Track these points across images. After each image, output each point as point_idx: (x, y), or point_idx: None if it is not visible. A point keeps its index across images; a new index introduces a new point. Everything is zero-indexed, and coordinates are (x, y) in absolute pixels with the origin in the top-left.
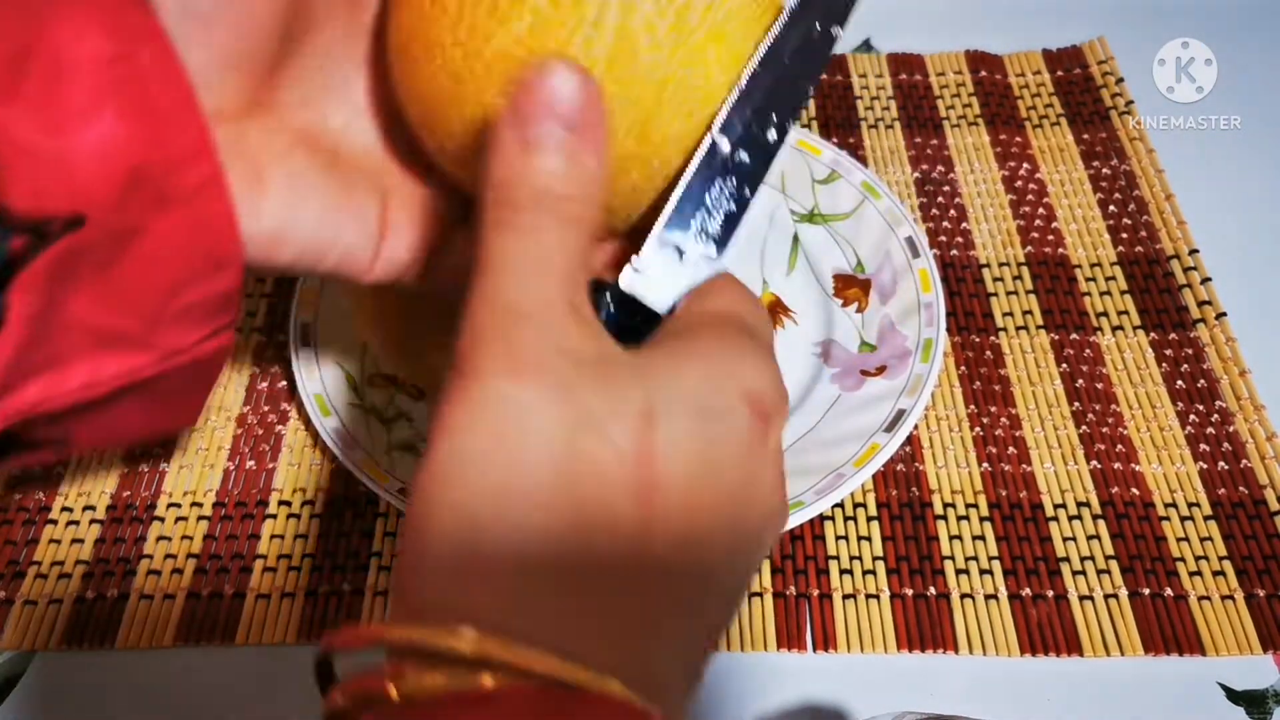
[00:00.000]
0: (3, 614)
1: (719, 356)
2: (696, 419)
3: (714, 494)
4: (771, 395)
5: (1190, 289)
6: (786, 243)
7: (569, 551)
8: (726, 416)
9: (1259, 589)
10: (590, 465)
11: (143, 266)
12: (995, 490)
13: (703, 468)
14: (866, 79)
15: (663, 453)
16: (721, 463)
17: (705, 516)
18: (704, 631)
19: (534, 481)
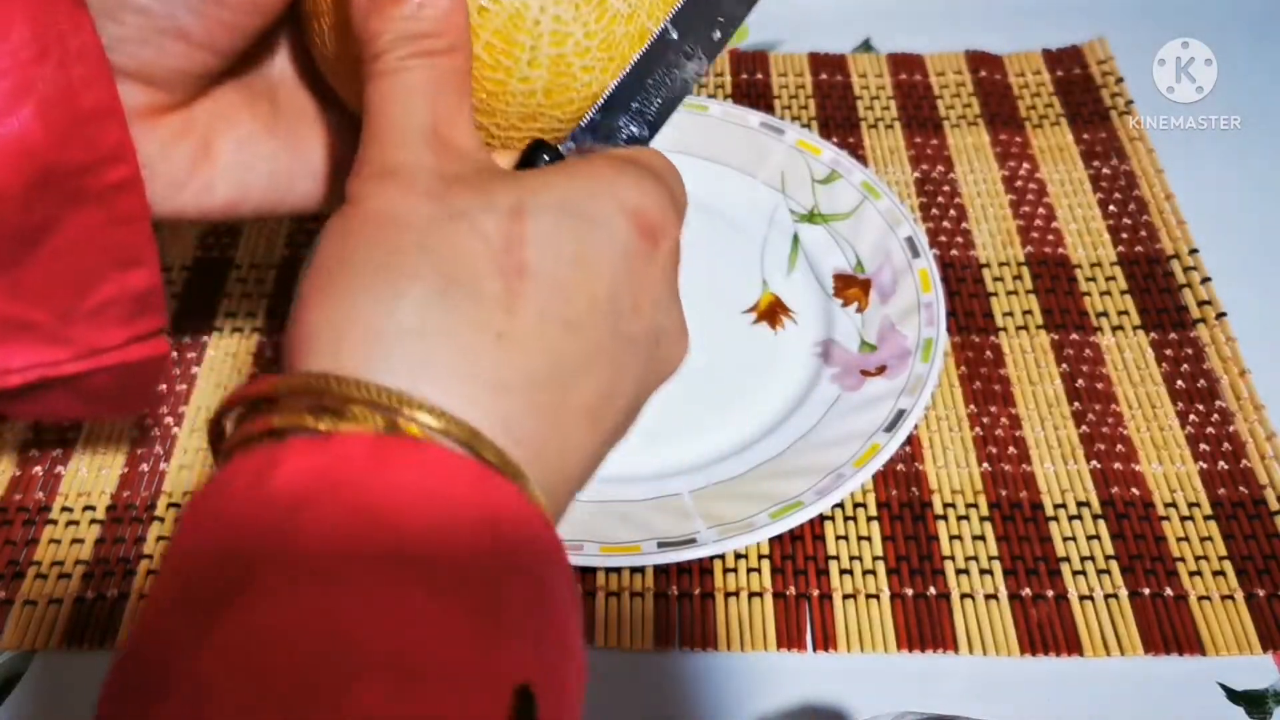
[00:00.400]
0: (3, 614)
1: (600, 175)
2: (568, 220)
3: (587, 290)
4: (657, 216)
5: (1190, 289)
6: (786, 242)
7: (436, 317)
8: (600, 223)
9: (1259, 589)
10: (458, 248)
11: (52, 261)
12: (995, 490)
13: (573, 263)
14: (866, 79)
15: (531, 242)
16: (594, 263)
17: (578, 306)
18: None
19: (407, 259)
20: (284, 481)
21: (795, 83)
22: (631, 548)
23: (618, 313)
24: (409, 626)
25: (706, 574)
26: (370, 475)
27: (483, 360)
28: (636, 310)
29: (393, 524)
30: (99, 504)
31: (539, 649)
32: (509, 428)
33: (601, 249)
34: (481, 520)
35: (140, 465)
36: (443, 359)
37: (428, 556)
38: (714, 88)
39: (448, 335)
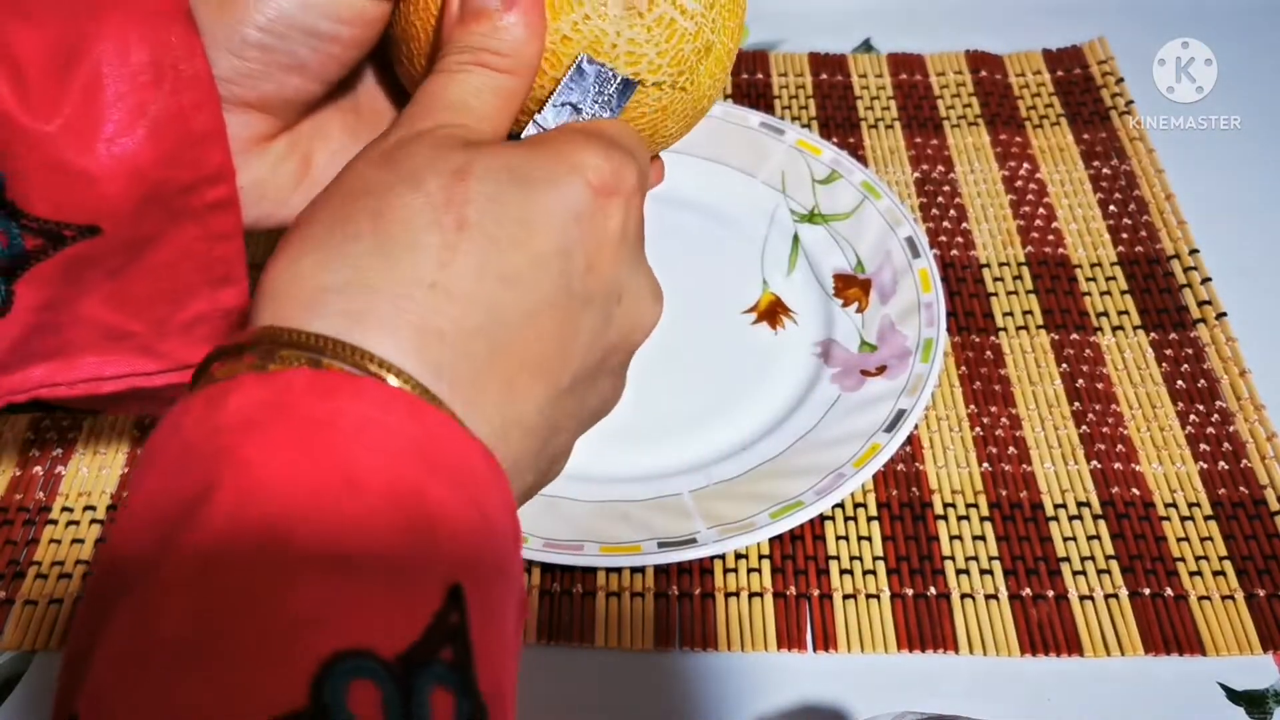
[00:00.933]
0: (3, 614)
1: (552, 143)
2: (511, 180)
3: (531, 246)
4: (610, 176)
5: (1190, 289)
6: (787, 243)
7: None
8: (549, 183)
9: (1259, 589)
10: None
11: (152, 273)
12: (995, 490)
13: (516, 221)
14: (867, 79)
15: (472, 199)
16: (540, 221)
17: (517, 261)
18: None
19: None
20: (232, 410)
21: (795, 83)
22: (632, 548)
23: (568, 270)
24: (347, 529)
25: (707, 574)
26: (310, 402)
27: (412, 308)
28: (591, 269)
29: (330, 442)
30: (99, 504)
31: (472, 562)
32: (439, 371)
33: (549, 208)
34: (415, 439)
35: None
36: (374, 309)
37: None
38: None
39: (379, 287)
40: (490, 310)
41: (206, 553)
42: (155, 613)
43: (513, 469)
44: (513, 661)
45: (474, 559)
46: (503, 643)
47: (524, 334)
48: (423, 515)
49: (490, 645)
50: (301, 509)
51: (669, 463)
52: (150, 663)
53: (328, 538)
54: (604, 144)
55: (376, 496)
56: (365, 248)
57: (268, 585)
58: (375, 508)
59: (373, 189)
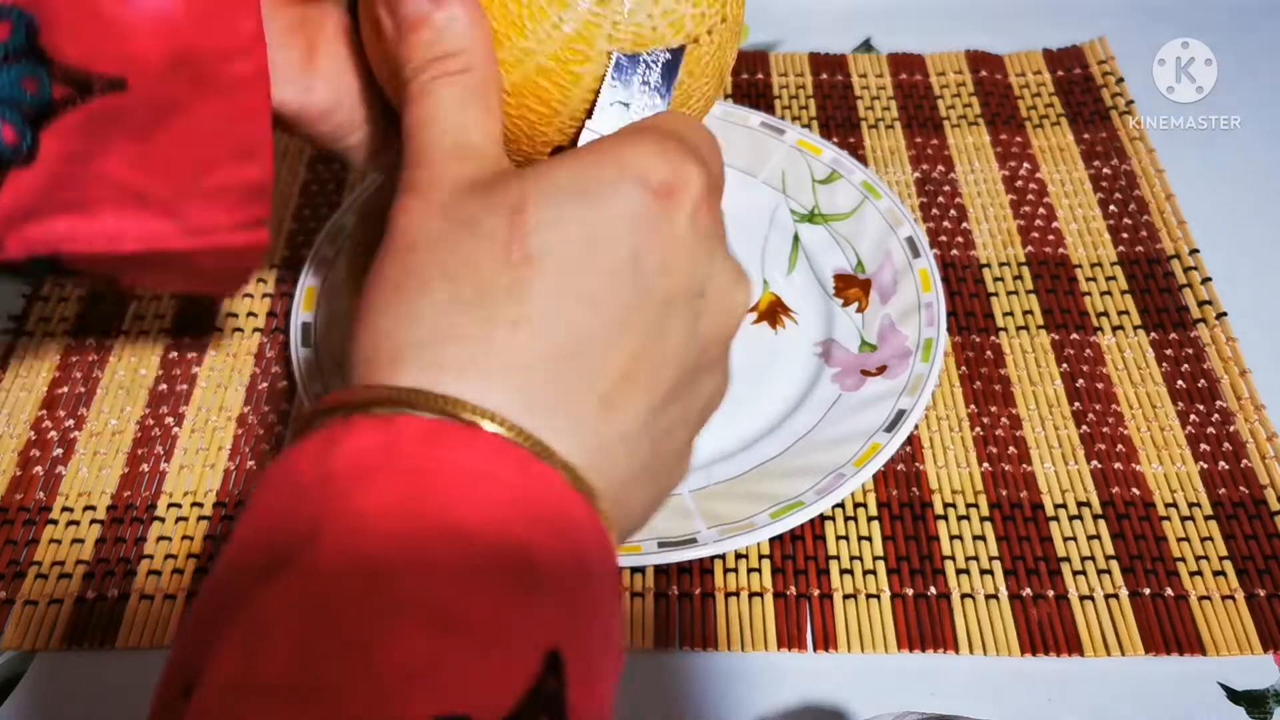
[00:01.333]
0: (3, 614)
1: (603, 150)
2: (571, 200)
3: (602, 262)
4: (668, 172)
5: (1190, 289)
6: (787, 242)
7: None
8: (606, 194)
9: (1259, 589)
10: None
11: (176, 140)
12: (996, 490)
13: (581, 241)
14: (867, 79)
15: (533, 230)
16: (605, 235)
17: (593, 280)
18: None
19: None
20: (346, 453)
21: (796, 83)
22: (632, 547)
23: (643, 277)
24: (448, 580)
25: (707, 574)
26: (423, 453)
27: (495, 349)
28: (665, 270)
29: (440, 495)
30: (99, 504)
31: (573, 621)
32: (530, 404)
33: (611, 220)
34: (521, 497)
35: (140, 465)
36: (457, 356)
37: (467, 522)
38: None
39: (459, 335)
40: (572, 333)
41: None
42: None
43: (624, 485)
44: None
45: (574, 620)
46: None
47: (611, 349)
48: (526, 573)
49: (586, 710)
50: (406, 558)
51: None
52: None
53: (431, 590)
54: (655, 142)
55: (482, 551)
56: (439, 299)
57: (370, 632)
58: (479, 563)
59: (434, 242)
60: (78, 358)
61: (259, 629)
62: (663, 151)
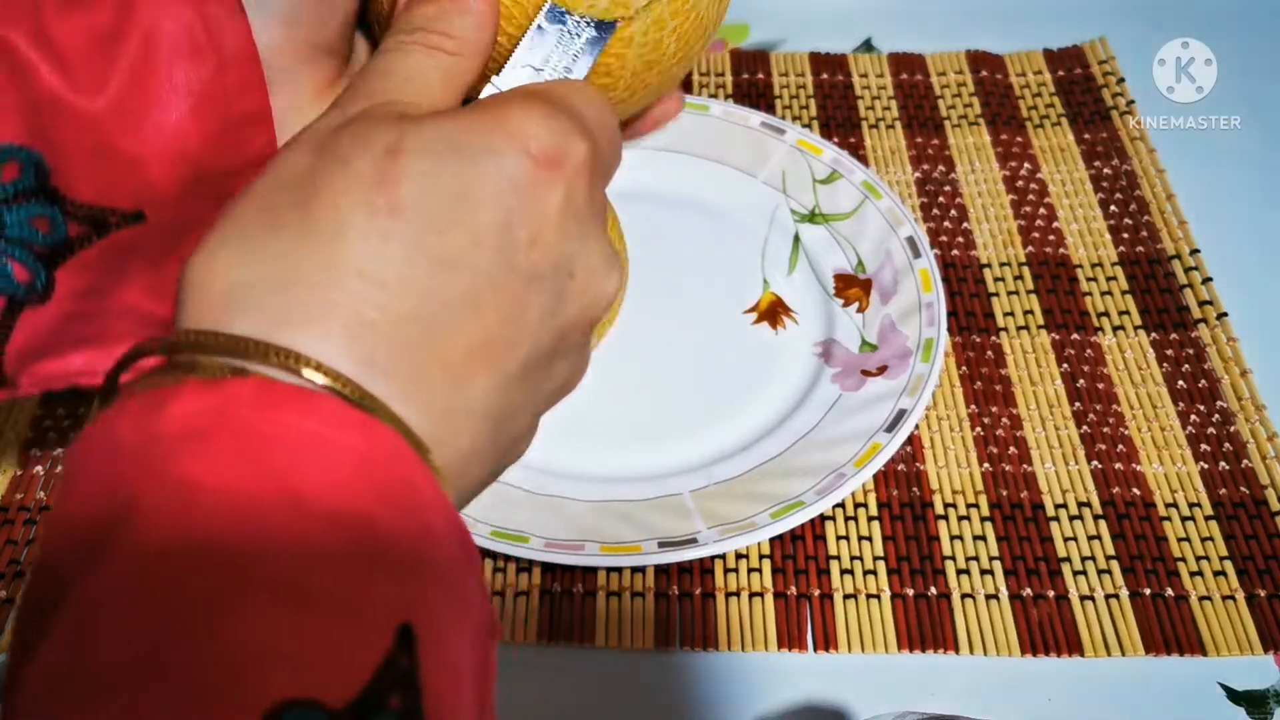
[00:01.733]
0: (3, 614)
1: (490, 110)
2: (449, 155)
3: (468, 225)
4: (554, 141)
5: (1191, 289)
6: (787, 243)
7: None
8: (486, 155)
9: (1260, 589)
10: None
11: None
12: (996, 490)
13: (452, 198)
14: (868, 79)
15: (405, 178)
16: (477, 197)
17: (455, 241)
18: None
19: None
20: (173, 418)
21: (796, 82)
22: (632, 547)
23: (510, 246)
24: (295, 554)
25: (707, 574)
26: (257, 415)
27: (342, 300)
28: (535, 243)
29: (274, 460)
30: None
31: (423, 593)
32: (372, 364)
33: (486, 182)
34: (364, 460)
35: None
36: (299, 303)
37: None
38: (714, 88)
39: (303, 280)
40: (427, 295)
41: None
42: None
43: (464, 460)
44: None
45: (424, 592)
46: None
47: (466, 317)
48: (372, 544)
49: (442, 686)
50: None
51: (669, 463)
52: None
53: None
54: (547, 108)
55: (324, 521)
56: (289, 237)
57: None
58: (323, 534)
59: (300, 175)
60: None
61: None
62: (550, 119)
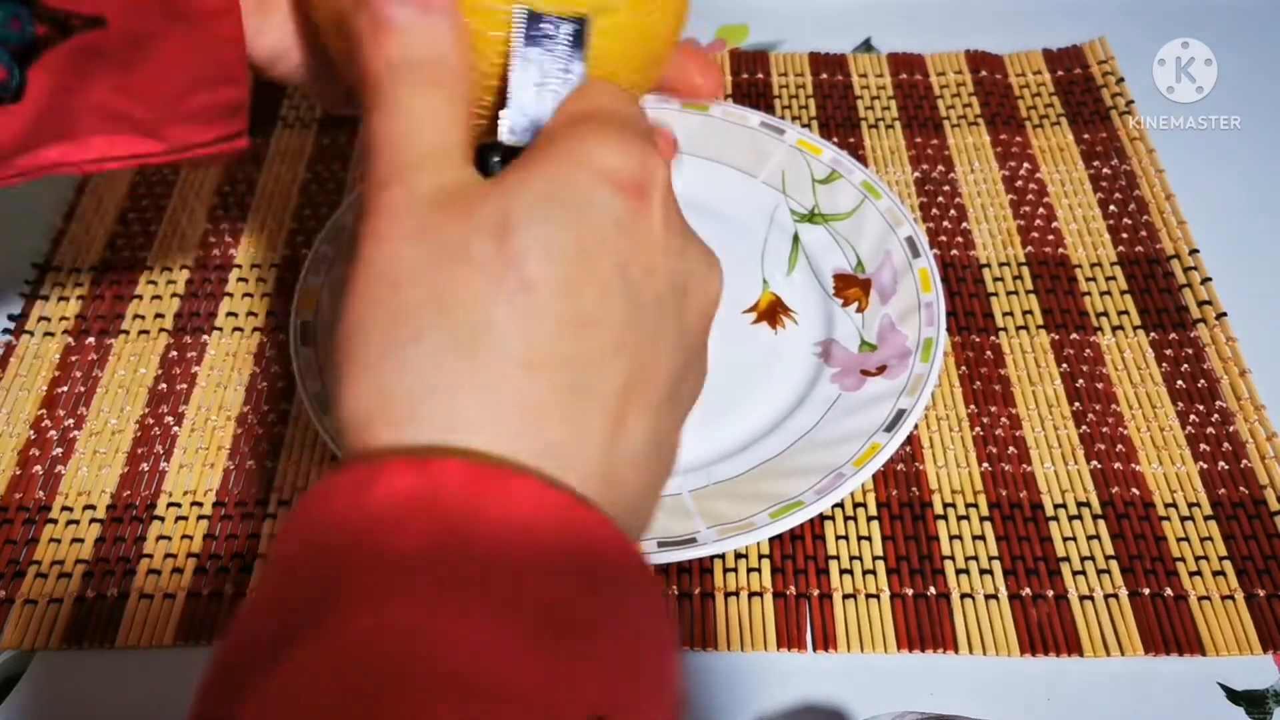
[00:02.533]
0: (3, 613)
1: (566, 149)
2: (556, 213)
3: (594, 278)
4: (637, 168)
5: (1190, 289)
6: (787, 242)
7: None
8: (586, 203)
9: (1259, 589)
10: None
11: (155, 68)
12: (995, 490)
13: (573, 258)
14: (867, 79)
15: (526, 252)
16: (593, 247)
17: (590, 298)
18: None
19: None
20: (381, 498)
21: (796, 82)
22: None
23: (631, 284)
24: (488, 648)
25: (706, 574)
26: (463, 501)
27: (508, 391)
28: (650, 272)
29: (480, 549)
30: (99, 503)
31: (618, 680)
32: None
33: (595, 229)
34: (566, 545)
35: (140, 465)
36: (464, 408)
37: (513, 580)
38: None
39: (466, 382)
40: (579, 362)
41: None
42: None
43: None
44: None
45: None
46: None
47: (613, 367)
48: (571, 637)
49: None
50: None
51: None
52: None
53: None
54: (616, 133)
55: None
56: (437, 343)
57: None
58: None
59: (418, 275)
60: (77, 357)
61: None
62: (625, 146)
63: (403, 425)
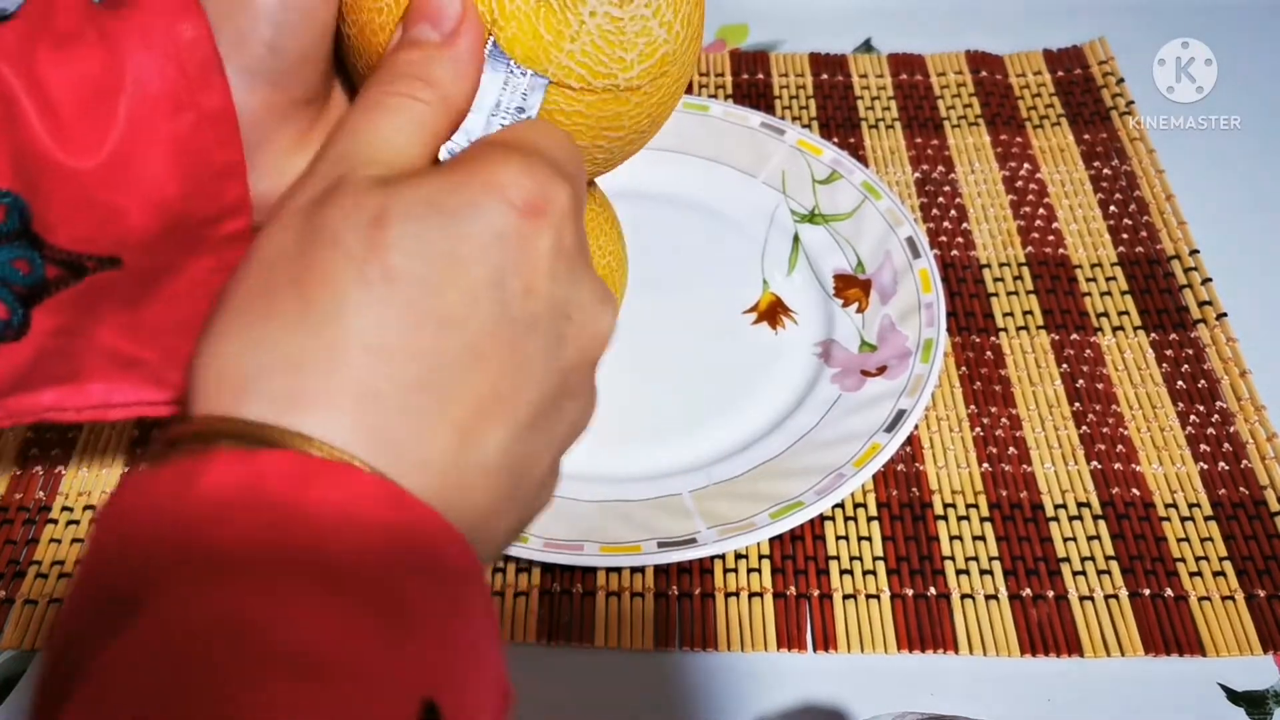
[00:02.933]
0: (3, 613)
1: (466, 165)
2: (434, 216)
3: (462, 283)
4: (534, 189)
5: (1191, 289)
6: (787, 243)
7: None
8: (470, 211)
9: (1259, 589)
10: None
11: (166, 303)
12: (995, 490)
13: (443, 259)
14: (867, 79)
15: (393, 244)
16: (467, 254)
17: (452, 301)
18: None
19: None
20: (206, 490)
21: (796, 83)
22: (632, 547)
23: (505, 299)
24: (317, 628)
25: (707, 574)
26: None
27: (347, 376)
28: (529, 291)
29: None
30: (99, 503)
31: (450, 666)
32: (383, 440)
33: (475, 238)
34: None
35: (140, 464)
36: (306, 386)
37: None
38: (714, 88)
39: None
40: (431, 359)
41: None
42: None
43: (483, 518)
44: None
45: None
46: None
47: (471, 374)
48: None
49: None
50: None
51: (669, 463)
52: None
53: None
54: (523, 156)
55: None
56: (290, 320)
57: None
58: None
59: (289, 254)
60: None
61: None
62: (529, 168)
63: (240, 397)
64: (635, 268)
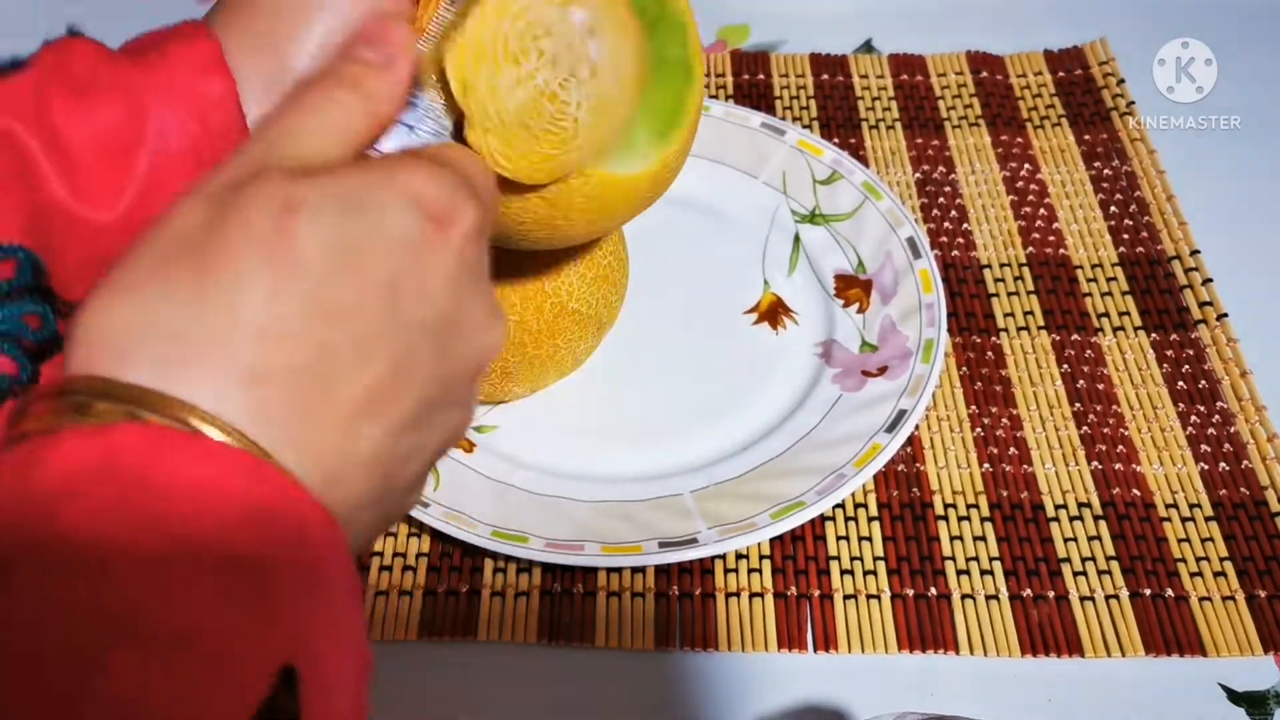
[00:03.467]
0: None
1: (383, 167)
2: (343, 209)
3: (360, 278)
4: (444, 201)
5: (1191, 290)
6: (788, 243)
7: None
8: (378, 211)
9: (1260, 590)
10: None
11: None
12: (996, 491)
13: (345, 252)
14: (868, 80)
15: (301, 234)
16: (369, 251)
17: (347, 295)
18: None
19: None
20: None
21: (797, 83)
22: (633, 548)
23: (399, 299)
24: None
25: (707, 574)
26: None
27: (236, 353)
28: (422, 296)
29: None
30: None
31: (308, 634)
32: (266, 419)
33: (379, 237)
34: (249, 507)
35: None
36: (193, 355)
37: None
38: (715, 88)
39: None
40: (319, 347)
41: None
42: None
43: (353, 509)
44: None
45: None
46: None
47: (356, 368)
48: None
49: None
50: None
51: (670, 463)
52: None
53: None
54: (438, 168)
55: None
56: (186, 290)
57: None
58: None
59: (197, 228)
60: None
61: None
62: (442, 181)
63: (123, 358)
64: (636, 268)
